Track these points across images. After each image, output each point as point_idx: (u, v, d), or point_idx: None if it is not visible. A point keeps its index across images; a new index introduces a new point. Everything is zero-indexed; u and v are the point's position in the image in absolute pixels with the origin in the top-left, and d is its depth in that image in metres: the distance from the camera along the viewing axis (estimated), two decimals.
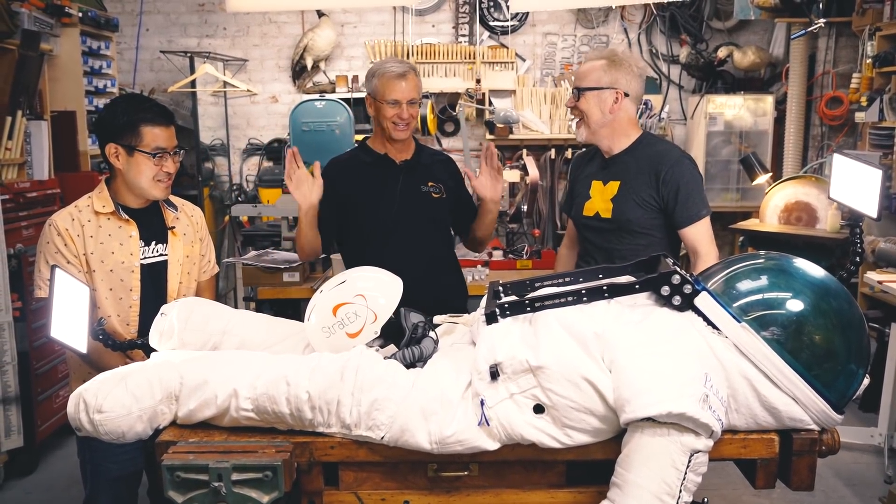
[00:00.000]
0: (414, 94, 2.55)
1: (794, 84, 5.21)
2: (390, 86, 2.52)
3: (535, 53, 5.90)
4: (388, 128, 2.56)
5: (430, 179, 2.67)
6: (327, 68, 5.87)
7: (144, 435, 1.69)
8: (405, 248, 2.54)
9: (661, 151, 2.48)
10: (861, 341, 1.64)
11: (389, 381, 1.64)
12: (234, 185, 6.02)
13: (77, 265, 2.16)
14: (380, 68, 2.56)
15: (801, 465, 1.61)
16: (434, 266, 2.62)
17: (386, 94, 2.52)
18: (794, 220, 4.46)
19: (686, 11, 5.71)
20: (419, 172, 2.66)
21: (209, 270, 2.47)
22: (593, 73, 2.42)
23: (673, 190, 2.40)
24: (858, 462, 3.62)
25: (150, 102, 2.23)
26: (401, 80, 2.52)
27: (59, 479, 3.62)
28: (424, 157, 2.71)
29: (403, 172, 2.63)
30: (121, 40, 5.71)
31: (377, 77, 2.55)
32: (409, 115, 2.55)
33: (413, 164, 2.66)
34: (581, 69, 2.48)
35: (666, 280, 1.67)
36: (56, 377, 3.88)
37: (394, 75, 2.52)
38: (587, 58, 2.51)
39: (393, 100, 2.52)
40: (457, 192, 2.75)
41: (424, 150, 2.75)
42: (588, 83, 2.43)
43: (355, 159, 2.70)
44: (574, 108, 2.48)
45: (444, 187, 2.68)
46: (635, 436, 1.52)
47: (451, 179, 2.73)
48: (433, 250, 2.66)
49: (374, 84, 2.56)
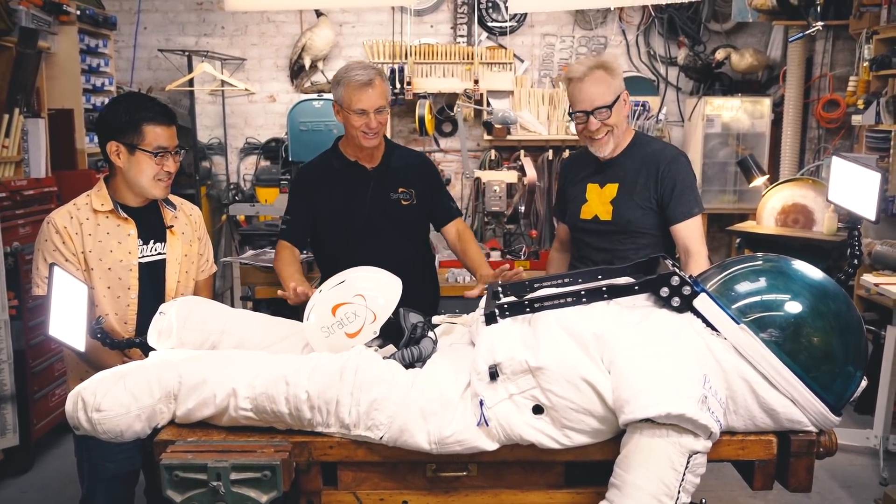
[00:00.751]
0: (381, 102, 2.49)
1: (791, 87, 5.22)
2: (356, 95, 2.45)
3: (534, 54, 5.90)
4: (357, 136, 2.51)
5: (401, 185, 2.64)
6: (325, 68, 5.86)
7: (143, 434, 1.68)
8: (375, 254, 2.38)
9: (658, 150, 2.51)
10: (859, 343, 1.65)
11: (389, 381, 1.65)
12: (232, 184, 6.01)
13: (75, 263, 2.16)
14: (344, 76, 2.49)
15: (799, 466, 1.62)
16: (404, 273, 2.38)
17: (352, 103, 2.46)
18: (791, 222, 4.47)
19: (684, 13, 5.71)
20: (389, 178, 2.63)
21: (207, 270, 2.47)
22: (607, 85, 2.37)
23: (669, 186, 2.42)
24: (854, 464, 3.63)
25: (152, 101, 2.23)
26: (366, 87, 2.45)
27: (54, 478, 3.60)
28: (395, 160, 2.66)
29: (374, 179, 2.61)
30: (119, 38, 5.70)
31: (342, 86, 2.48)
32: (378, 122, 2.49)
33: (383, 170, 2.63)
34: (590, 89, 2.37)
35: (665, 281, 1.67)
36: (52, 376, 3.87)
37: (359, 84, 2.45)
38: (582, 74, 2.38)
39: (360, 109, 2.46)
40: (430, 195, 2.70)
41: (395, 151, 2.70)
42: (611, 96, 2.37)
43: (326, 164, 2.66)
44: (600, 128, 2.39)
45: (416, 192, 2.65)
46: (634, 437, 1.53)
47: (423, 183, 2.68)
48: (403, 257, 2.54)
49: (340, 92, 2.50)
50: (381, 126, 2.54)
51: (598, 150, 2.46)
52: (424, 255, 2.81)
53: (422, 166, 2.76)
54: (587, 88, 2.37)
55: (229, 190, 5.97)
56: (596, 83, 2.37)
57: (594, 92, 2.37)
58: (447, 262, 3.73)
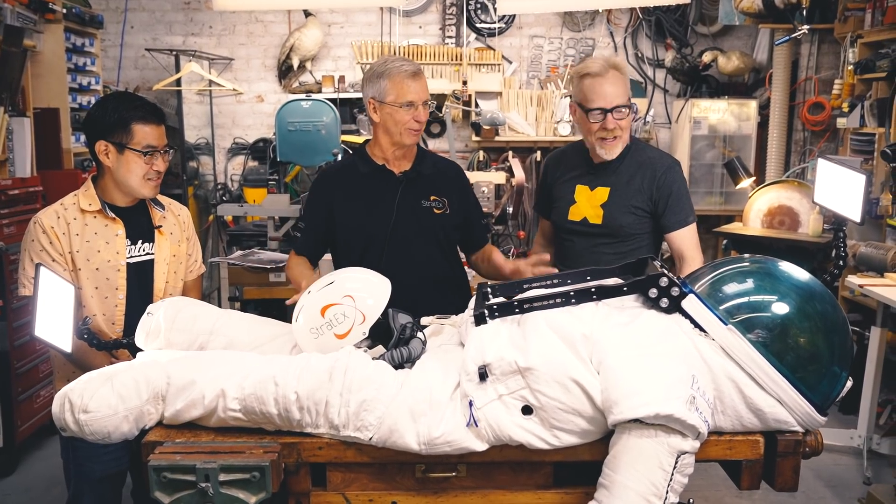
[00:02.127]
0: (428, 94, 2.34)
1: (777, 89, 5.27)
2: (405, 86, 2.27)
3: (522, 56, 5.92)
4: (403, 133, 2.31)
5: (433, 193, 2.42)
6: (314, 68, 5.85)
7: (130, 435, 1.67)
8: (401, 266, 2.27)
9: (654, 157, 2.50)
10: (845, 344, 1.67)
11: (378, 381, 1.64)
12: (219, 184, 5.99)
13: (62, 263, 2.14)
14: (389, 68, 2.29)
15: (786, 466, 1.63)
16: (436, 287, 2.34)
17: (401, 95, 2.27)
18: (777, 223, 4.51)
19: (671, 16, 5.75)
20: (420, 185, 2.41)
21: (196, 270, 2.45)
22: (624, 85, 2.35)
23: (665, 194, 2.43)
24: (838, 463, 3.66)
25: (141, 100, 2.21)
26: (415, 79, 2.29)
27: (38, 481, 3.57)
28: (426, 167, 2.44)
29: (403, 185, 2.39)
30: (105, 37, 5.66)
31: (387, 78, 2.28)
32: (426, 117, 2.34)
33: (413, 175, 2.41)
34: (610, 87, 2.32)
35: (654, 282, 1.68)
36: (37, 377, 3.83)
37: (407, 74, 2.28)
38: (601, 70, 2.33)
39: (408, 102, 2.28)
40: (463, 206, 2.49)
41: (427, 157, 2.49)
42: (627, 97, 2.35)
43: (351, 168, 2.44)
44: (616, 127, 2.35)
45: (449, 202, 2.44)
46: (623, 437, 1.53)
47: (457, 193, 2.48)
48: (433, 270, 2.42)
49: (383, 86, 2.29)
50: (425, 121, 2.37)
51: (608, 151, 2.40)
52: (456, 269, 2.55)
53: (457, 176, 2.55)
54: (607, 86, 2.32)
55: (216, 190, 5.95)
56: (615, 81, 2.33)
57: (613, 90, 2.32)
58: None
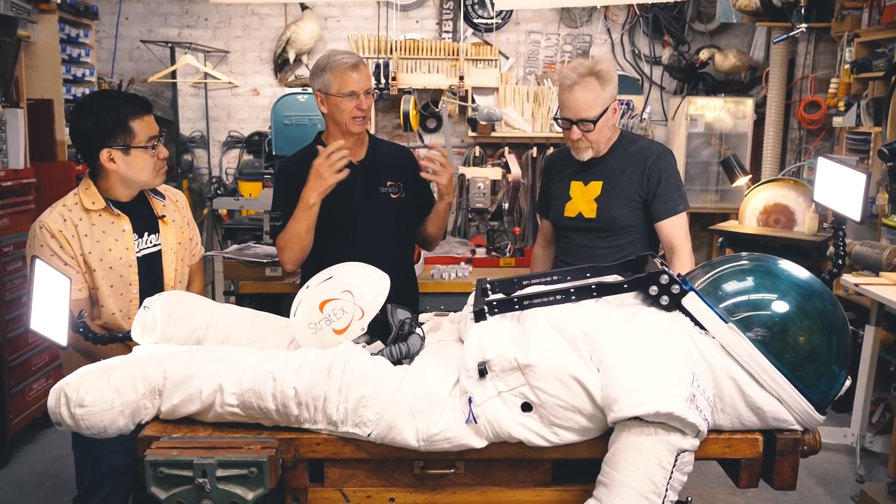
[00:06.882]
0: (369, 84, 2.50)
1: (773, 88, 5.28)
2: (345, 77, 2.44)
3: (519, 51, 5.91)
4: (348, 122, 2.48)
5: (389, 178, 2.59)
6: (310, 62, 5.81)
7: (126, 430, 1.66)
8: (364, 251, 2.28)
9: (643, 147, 2.52)
10: (844, 343, 1.67)
11: (377, 377, 1.63)
12: (214, 177, 5.96)
13: (75, 266, 2.12)
14: (331, 61, 2.47)
15: (784, 464, 1.63)
16: (389, 267, 2.30)
17: (342, 86, 2.44)
18: (773, 222, 4.52)
19: (669, 13, 5.75)
20: (377, 172, 2.58)
21: (197, 253, 2.47)
22: (596, 95, 2.34)
23: (655, 182, 2.44)
24: (831, 461, 3.67)
25: (125, 95, 2.20)
26: (355, 70, 2.45)
27: (30, 474, 3.55)
28: (380, 153, 2.62)
29: (361, 174, 2.54)
30: (100, 28, 5.62)
31: (329, 71, 2.46)
32: (368, 104, 2.49)
33: (369, 163, 2.58)
34: (579, 98, 2.35)
35: (654, 280, 1.68)
36: (29, 370, 3.80)
37: (347, 66, 2.44)
38: (572, 82, 2.35)
39: (350, 92, 2.44)
40: (415, 186, 2.64)
41: (379, 144, 2.67)
42: (597, 111, 2.35)
43: (310, 158, 2.48)
44: (581, 139, 2.39)
45: (404, 185, 2.61)
46: (622, 435, 1.53)
47: (408, 173, 2.60)
48: (392, 253, 2.53)
49: (326, 79, 2.46)
50: (369, 110, 2.53)
51: (577, 155, 2.48)
52: (406, 248, 2.78)
53: (407, 158, 2.71)
54: (575, 97, 2.36)
55: (211, 184, 5.92)
56: (585, 92, 2.34)
57: (581, 102, 2.35)
58: (433, 259, 3.71)
